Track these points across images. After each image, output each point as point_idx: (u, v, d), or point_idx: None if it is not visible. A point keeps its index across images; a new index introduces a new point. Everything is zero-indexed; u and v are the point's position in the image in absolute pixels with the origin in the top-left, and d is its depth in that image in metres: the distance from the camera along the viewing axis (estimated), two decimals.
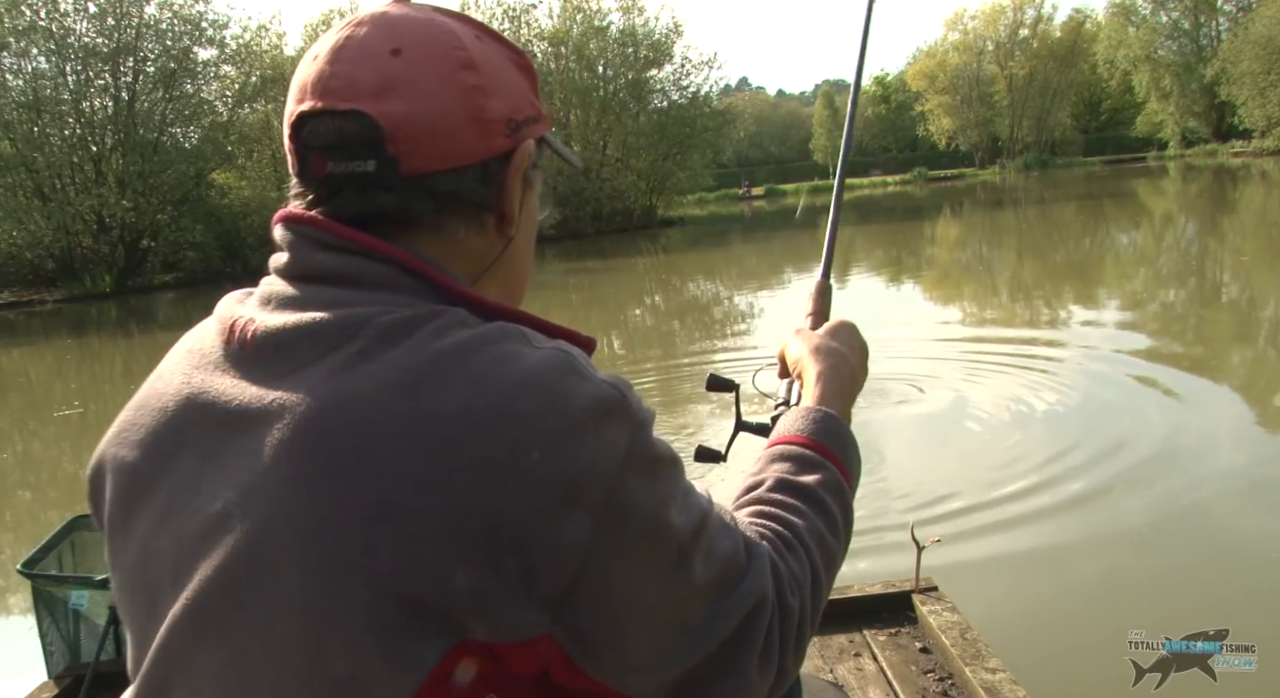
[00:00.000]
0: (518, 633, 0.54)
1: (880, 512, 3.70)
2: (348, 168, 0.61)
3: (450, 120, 0.62)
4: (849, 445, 0.83)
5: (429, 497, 0.52)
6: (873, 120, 73.57)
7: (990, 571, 3.10)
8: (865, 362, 0.96)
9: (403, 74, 0.61)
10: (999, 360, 6.19)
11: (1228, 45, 43.02)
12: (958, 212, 28.51)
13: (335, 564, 0.52)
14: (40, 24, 25.15)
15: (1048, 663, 2.49)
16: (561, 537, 0.53)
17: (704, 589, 0.62)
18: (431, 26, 0.64)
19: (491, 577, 0.52)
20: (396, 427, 0.53)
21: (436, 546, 0.52)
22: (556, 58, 33.79)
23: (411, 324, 0.58)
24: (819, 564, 0.73)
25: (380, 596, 0.52)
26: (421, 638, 0.52)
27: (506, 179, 0.66)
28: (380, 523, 0.52)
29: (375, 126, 0.60)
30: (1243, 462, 4.04)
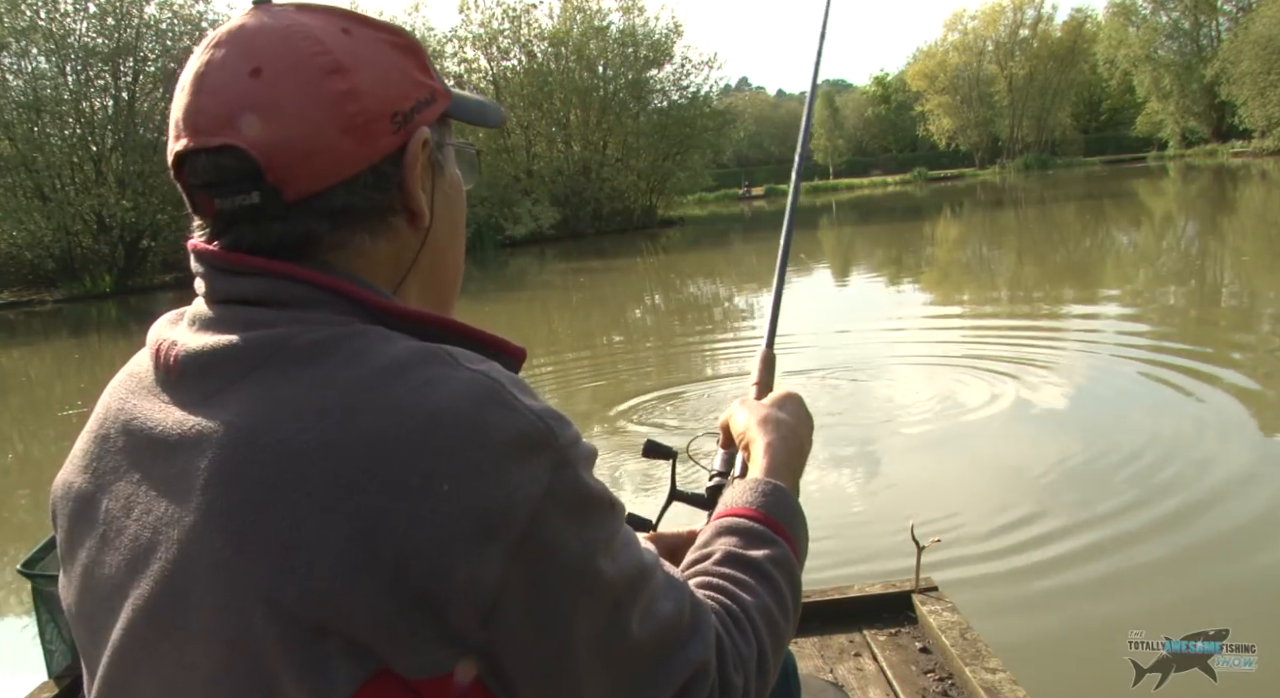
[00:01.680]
0: (430, 668, 0.52)
1: (880, 512, 3.70)
2: (233, 203, 0.59)
3: (325, 135, 0.59)
4: (798, 520, 0.81)
5: (338, 526, 0.51)
6: (873, 120, 73.58)
7: (990, 570, 3.10)
8: (811, 434, 0.94)
9: (265, 96, 0.58)
10: (999, 361, 6.18)
11: (1228, 45, 43.01)
12: (958, 212, 28.51)
13: (249, 594, 0.51)
14: (40, 24, 25.14)
15: (1048, 663, 2.49)
16: (472, 573, 0.51)
17: (639, 648, 0.59)
18: (289, 35, 0.60)
19: (400, 610, 0.51)
20: (310, 454, 0.52)
21: (345, 576, 0.50)
22: (556, 58, 33.78)
23: (329, 345, 0.56)
24: (766, 643, 0.70)
25: (292, 625, 0.51)
26: (335, 669, 0.51)
27: (404, 177, 0.63)
28: (291, 552, 0.51)
29: (248, 158, 0.58)
30: (1244, 461, 4.04)
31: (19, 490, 6.10)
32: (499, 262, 24.31)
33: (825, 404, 5.40)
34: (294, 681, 0.51)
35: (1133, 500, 3.67)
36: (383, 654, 0.51)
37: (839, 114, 70.08)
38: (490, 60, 34.52)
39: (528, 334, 10.24)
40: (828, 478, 4.16)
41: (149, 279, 25.61)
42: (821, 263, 17.70)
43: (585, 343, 9.52)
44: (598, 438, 5.11)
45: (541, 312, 13.31)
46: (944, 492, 3.91)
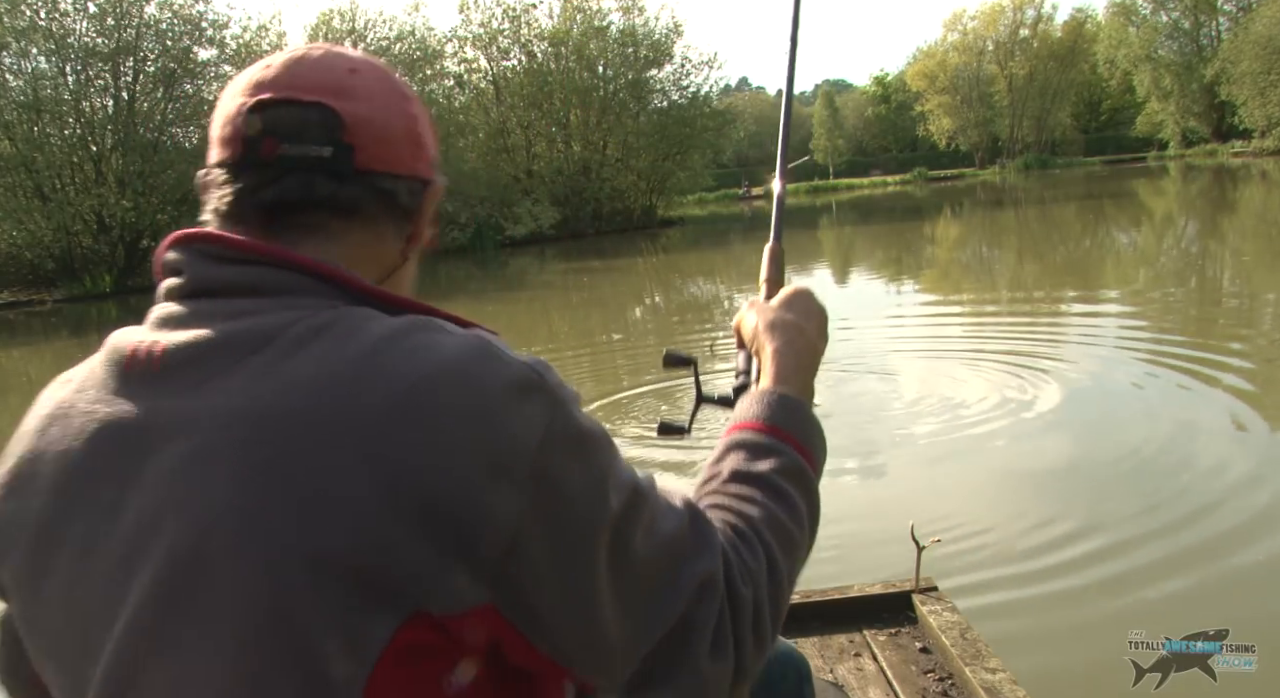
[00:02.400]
0: (460, 603, 0.56)
1: (880, 512, 3.70)
2: (304, 150, 0.65)
3: (397, 132, 0.69)
4: (808, 425, 0.82)
5: (362, 479, 0.54)
6: (873, 120, 73.58)
7: (991, 570, 3.10)
8: (824, 329, 0.94)
9: (360, 85, 0.67)
10: (1000, 360, 6.19)
11: (1228, 45, 43.00)
12: (958, 212, 28.51)
13: (278, 555, 0.54)
14: (40, 24, 25.12)
15: (1048, 663, 2.49)
16: (491, 508, 0.55)
17: (646, 567, 0.63)
18: (377, 64, 0.72)
19: (428, 549, 0.54)
20: (323, 418, 0.55)
21: (375, 523, 0.54)
22: (556, 58, 33.77)
23: (326, 324, 0.60)
24: (776, 553, 0.72)
25: (329, 579, 0.53)
26: (371, 615, 0.54)
27: (425, 202, 0.72)
28: (317, 509, 0.54)
29: (337, 118, 0.65)
30: (1244, 461, 4.04)
31: None
32: (499, 262, 24.32)
33: (825, 404, 5.41)
34: (329, 633, 0.54)
35: (1133, 500, 3.67)
36: (415, 595, 0.54)
37: (839, 114, 70.04)
38: (490, 60, 34.52)
39: (528, 334, 10.23)
40: (827, 478, 4.15)
41: (149, 279, 24.99)
42: (822, 262, 17.69)
43: (585, 341, 9.52)
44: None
45: (541, 312, 13.31)
46: (944, 491, 3.91)
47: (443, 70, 33.50)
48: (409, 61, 31.57)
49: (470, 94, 34.53)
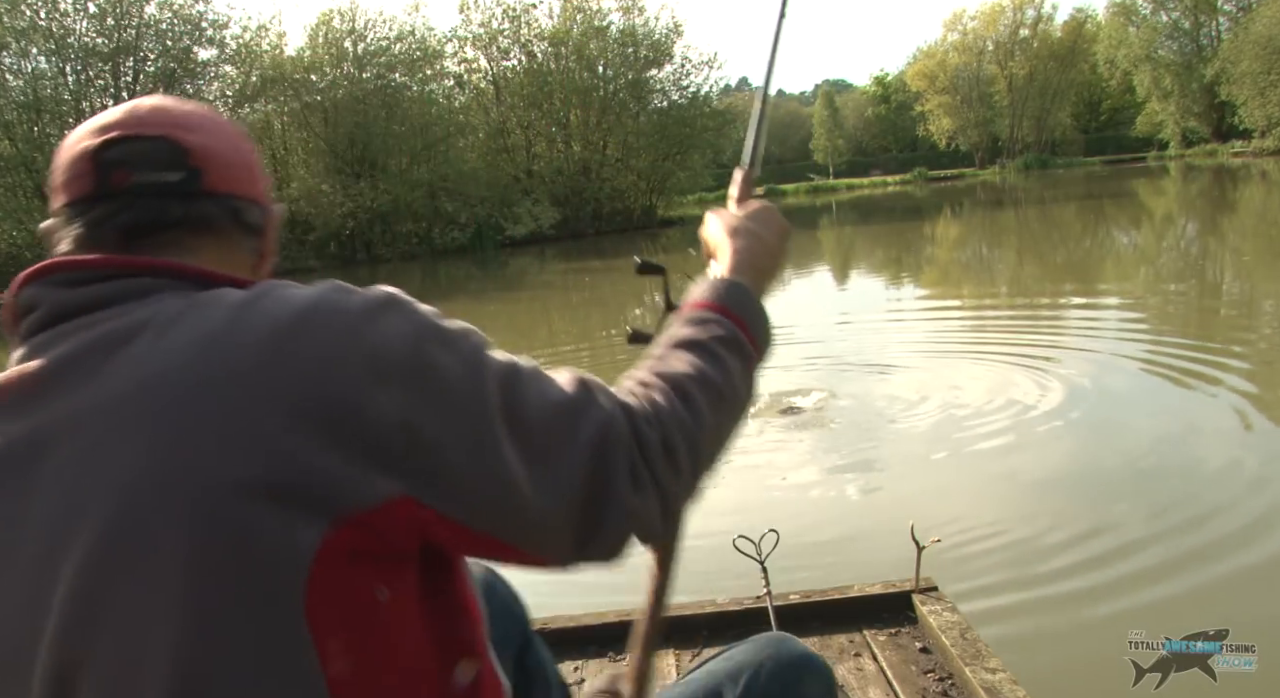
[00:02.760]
0: (375, 497, 0.60)
1: (880, 512, 3.70)
2: (155, 177, 0.70)
3: (236, 160, 0.75)
4: (753, 307, 0.87)
5: (256, 409, 0.59)
6: (873, 120, 73.57)
7: (990, 570, 3.10)
8: (783, 243, 0.98)
9: (197, 122, 0.73)
10: (1000, 360, 6.19)
11: (1228, 45, 42.99)
12: (958, 212, 28.51)
13: (200, 494, 0.57)
14: (40, 24, 25.13)
15: (1048, 663, 2.49)
16: (379, 406, 0.61)
17: (542, 427, 0.67)
18: (209, 109, 0.78)
19: (332, 455, 0.59)
20: (217, 367, 0.60)
21: (277, 444, 0.58)
22: (556, 58, 33.78)
23: (191, 304, 0.64)
24: (700, 403, 0.75)
25: (249, 502, 0.57)
26: (298, 526, 0.58)
27: (268, 224, 0.78)
28: (223, 446, 0.58)
29: (182, 146, 0.70)
30: (1245, 461, 4.03)
31: None
32: (499, 262, 24.32)
33: (825, 403, 5.41)
34: (267, 554, 0.58)
35: (1133, 500, 3.67)
36: (333, 499, 0.59)
37: (839, 114, 70.03)
38: (490, 60, 34.54)
39: (528, 334, 10.24)
40: (827, 477, 4.16)
41: None
42: (822, 262, 17.69)
43: (585, 340, 9.52)
44: None
45: (542, 312, 13.31)
46: (944, 491, 3.91)
47: (443, 70, 33.51)
48: (409, 61, 31.58)
49: (470, 94, 34.54)
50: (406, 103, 30.90)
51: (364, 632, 0.61)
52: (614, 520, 0.69)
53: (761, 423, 5.08)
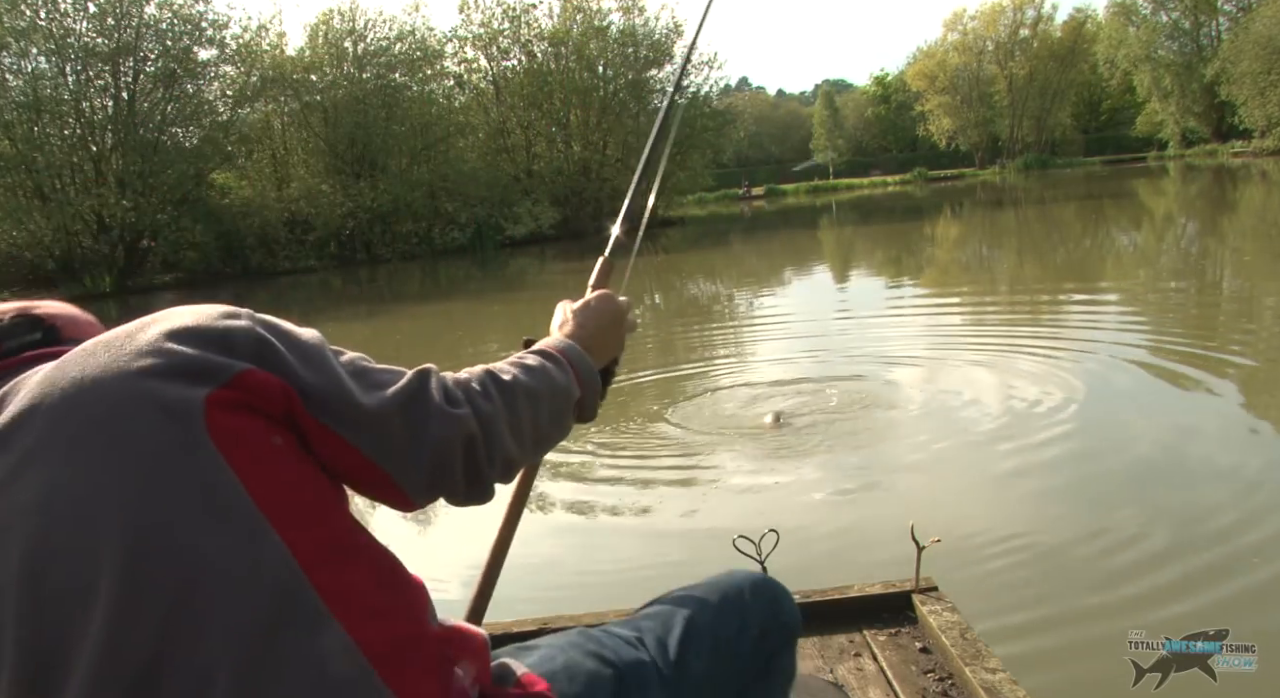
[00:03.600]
0: (233, 370, 0.76)
1: (880, 512, 3.70)
2: (21, 340, 0.87)
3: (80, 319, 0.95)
4: (573, 353, 1.05)
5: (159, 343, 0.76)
6: (873, 120, 73.59)
7: (991, 570, 3.10)
8: (613, 326, 1.20)
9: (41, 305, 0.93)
10: (999, 359, 6.19)
11: (1228, 45, 43.00)
12: (958, 212, 28.52)
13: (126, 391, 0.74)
14: (40, 24, 25.13)
15: (1048, 663, 2.49)
16: (237, 326, 0.79)
17: (368, 372, 0.85)
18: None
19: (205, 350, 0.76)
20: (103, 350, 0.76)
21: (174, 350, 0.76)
22: (556, 58, 33.78)
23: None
24: (517, 393, 0.93)
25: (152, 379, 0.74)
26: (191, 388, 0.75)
27: None
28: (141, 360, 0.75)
29: (36, 315, 0.90)
30: (1245, 461, 4.04)
31: None
32: (499, 262, 24.33)
33: (824, 403, 5.41)
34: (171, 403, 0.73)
35: (1133, 500, 3.67)
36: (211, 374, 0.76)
37: (839, 114, 70.06)
38: (490, 60, 34.54)
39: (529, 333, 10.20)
40: (827, 477, 4.16)
41: (149, 279, 25.61)
42: (822, 261, 17.70)
43: None
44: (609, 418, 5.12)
45: (542, 312, 13.23)
46: (945, 491, 3.91)
47: (443, 70, 33.52)
48: (409, 61, 31.58)
49: (470, 94, 34.55)
50: (406, 103, 30.90)
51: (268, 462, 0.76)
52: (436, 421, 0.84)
53: (761, 423, 5.08)
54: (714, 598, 1.12)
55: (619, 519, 4.01)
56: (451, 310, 14.55)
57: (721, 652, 1.08)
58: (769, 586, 1.17)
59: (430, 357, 1.24)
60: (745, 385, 6.21)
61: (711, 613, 1.10)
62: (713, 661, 1.07)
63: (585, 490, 4.30)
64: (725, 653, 1.08)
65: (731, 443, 4.85)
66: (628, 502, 4.19)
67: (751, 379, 6.42)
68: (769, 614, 1.13)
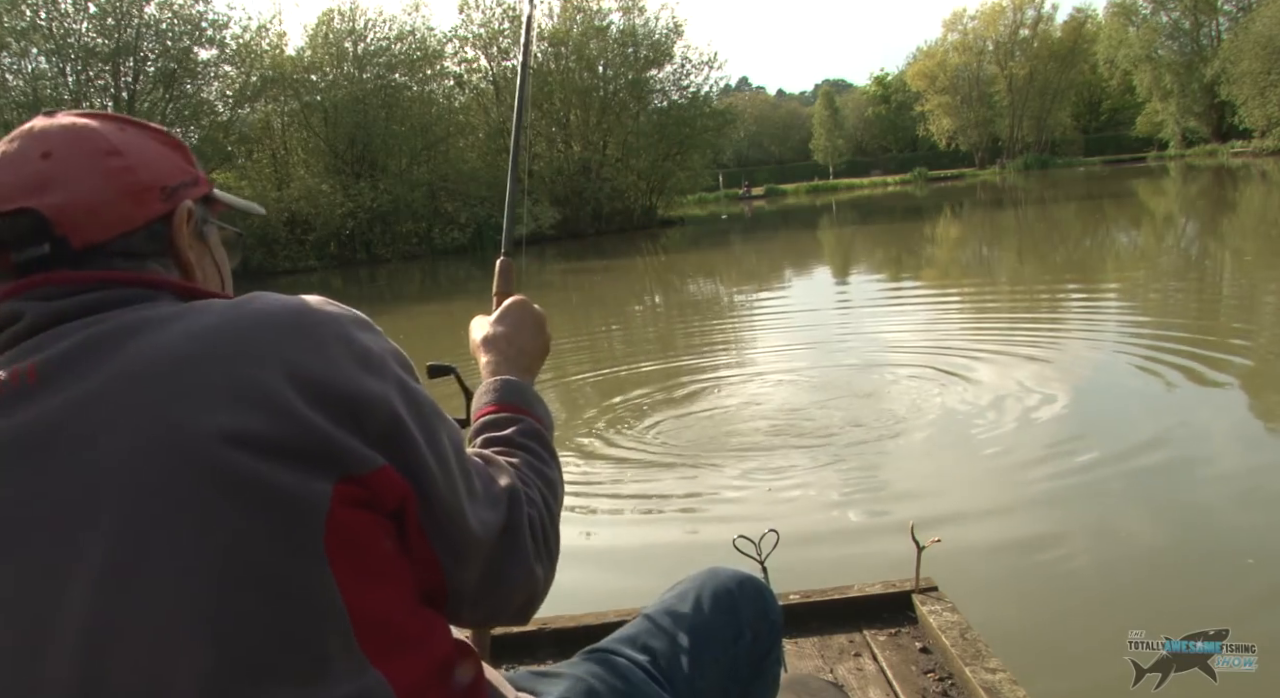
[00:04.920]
0: (367, 465, 0.68)
1: (880, 512, 3.70)
2: (28, 254, 0.72)
3: (104, 196, 0.73)
4: (532, 399, 1.01)
5: (266, 373, 0.65)
6: (873, 120, 73.58)
7: (990, 571, 3.10)
8: (537, 336, 1.12)
9: (54, 171, 0.72)
10: (999, 358, 6.19)
11: (1228, 45, 43.01)
12: (958, 212, 28.51)
13: (220, 454, 0.63)
14: (40, 24, 25.15)
15: (1048, 663, 2.49)
16: (369, 390, 0.69)
17: (475, 469, 0.79)
18: (75, 128, 0.76)
19: (335, 425, 0.66)
20: (215, 345, 0.66)
21: (287, 403, 0.65)
22: (556, 58, 33.76)
23: (182, 310, 0.70)
24: (541, 487, 0.89)
25: (259, 451, 0.63)
26: (312, 477, 0.65)
27: (173, 234, 0.78)
28: (234, 401, 0.64)
29: (40, 217, 0.71)
30: (1245, 461, 4.04)
31: None
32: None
33: (824, 403, 5.41)
34: (284, 495, 0.64)
35: (1134, 499, 3.67)
36: (336, 459, 0.66)
37: (839, 114, 70.05)
38: (490, 60, 34.51)
39: None
40: (827, 477, 4.16)
41: None
42: (821, 261, 17.70)
43: (585, 337, 9.52)
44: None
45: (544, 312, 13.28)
46: (945, 491, 3.91)
47: (443, 70, 33.50)
48: (409, 61, 31.58)
49: (470, 94, 34.53)
50: (406, 103, 30.90)
51: (376, 578, 0.69)
52: (518, 578, 0.81)
53: (761, 423, 5.09)
54: (709, 604, 1.12)
55: (619, 519, 4.02)
56: (451, 310, 14.55)
57: (724, 665, 1.10)
58: (755, 585, 1.17)
59: (431, 356, 1.24)
60: (744, 383, 6.21)
61: (712, 624, 1.10)
62: (717, 674, 1.09)
63: (585, 491, 4.30)
64: (728, 665, 1.10)
65: (731, 442, 4.85)
66: (628, 501, 4.20)
67: (750, 376, 6.43)
68: (759, 615, 1.14)
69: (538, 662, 2.11)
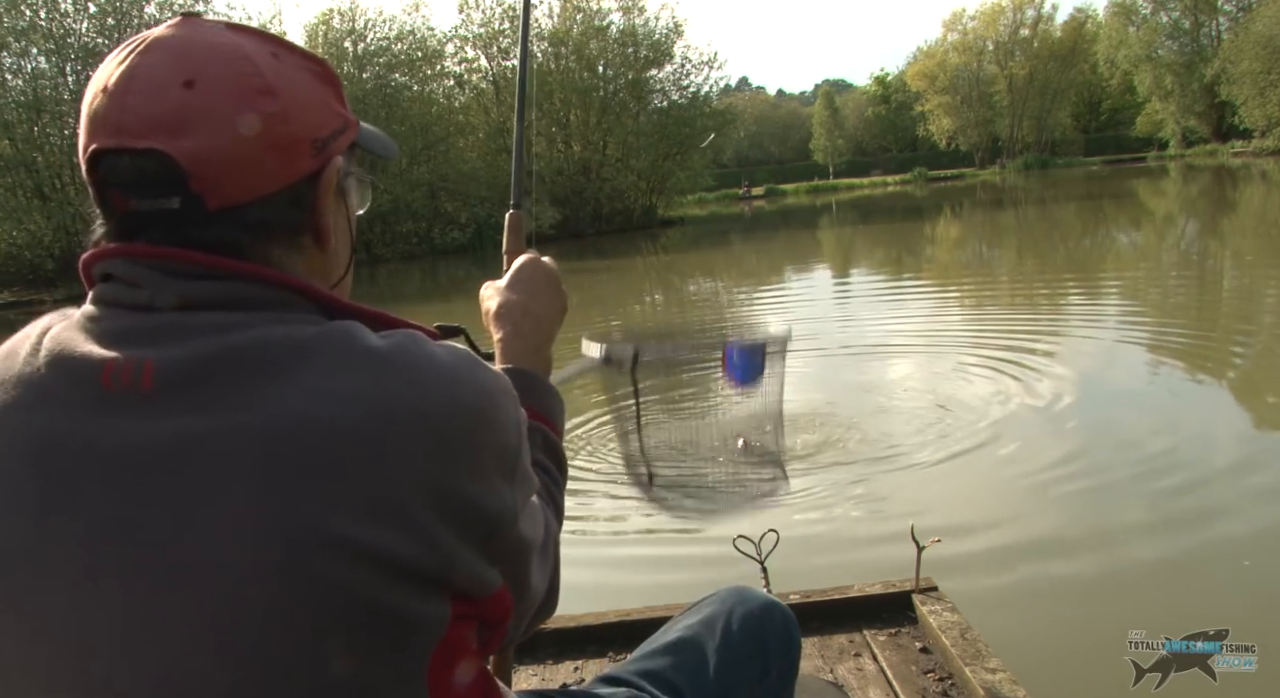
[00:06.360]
0: (488, 588, 0.63)
1: (880, 512, 3.70)
2: (152, 204, 0.60)
3: (250, 150, 0.60)
4: (543, 393, 0.91)
5: (400, 479, 0.57)
6: (873, 120, 73.58)
7: (990, 570, 3.10)
8: (554, 298, 1.00)
9: (197, 106, 0.59)
10: (1000, 358, 6.18)
11: (1228, 45, 43.02)
12: (958, 212, 28.51)
13: (332, 561, 0.55)
14: (40, 24, 25.13)
15: (1048, 663, 2.48)
16: (505, 502, 0.63)
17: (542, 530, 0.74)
18: (223, 52, 0.61)
19: (468, 545, 0.60)
20: (357, 429, 0.56)
21: (431, 533, 0.58)
22: (556, 58, 33.77)
23: (323, 339, 0.59)
24: (557, 517, 0.84)
25: (373, 563, 0.55)
26: (428, 596, 0.59)
27: (318, 198, 0.66)
28: (362, 513, 0.55)
29: (175, 165, 0.58)
30: (1245, 461, 4.03)
31: None
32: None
33: (824, 403, 5.40)
34: (395, 615, 0.57)
35: (1134, 499, 3.67)
36: (454, 581, 0.60)
37: (839, 114, 70.05)
38: (490, 60, 34.51)
39: None
40: (827, 477, 4.15)
41: None
42: (821, 261, 17.70)
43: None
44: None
45: None
46: (944, 491, 3.91)
47: (443, 70, 33.50)
48: (409, 62, 31.58)
49: (470, 94, 34.53)
50: (406, 103, 30.90)
51: (457, 662, 0.64)
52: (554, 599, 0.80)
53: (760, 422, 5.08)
54: (738, 637, 1.06)
55: (618, 519, 4.01)
56: (452, 311, 14.54)
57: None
58: (783, 617, 1.11)
59: None
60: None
61: (740, 660, 1.05)
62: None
63: (584, 490, 4.30)
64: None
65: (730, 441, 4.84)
66: (627, 501, 4.19)
67: None
68: (783, 652, 1.09)
69: (538, 662, 2.11)
